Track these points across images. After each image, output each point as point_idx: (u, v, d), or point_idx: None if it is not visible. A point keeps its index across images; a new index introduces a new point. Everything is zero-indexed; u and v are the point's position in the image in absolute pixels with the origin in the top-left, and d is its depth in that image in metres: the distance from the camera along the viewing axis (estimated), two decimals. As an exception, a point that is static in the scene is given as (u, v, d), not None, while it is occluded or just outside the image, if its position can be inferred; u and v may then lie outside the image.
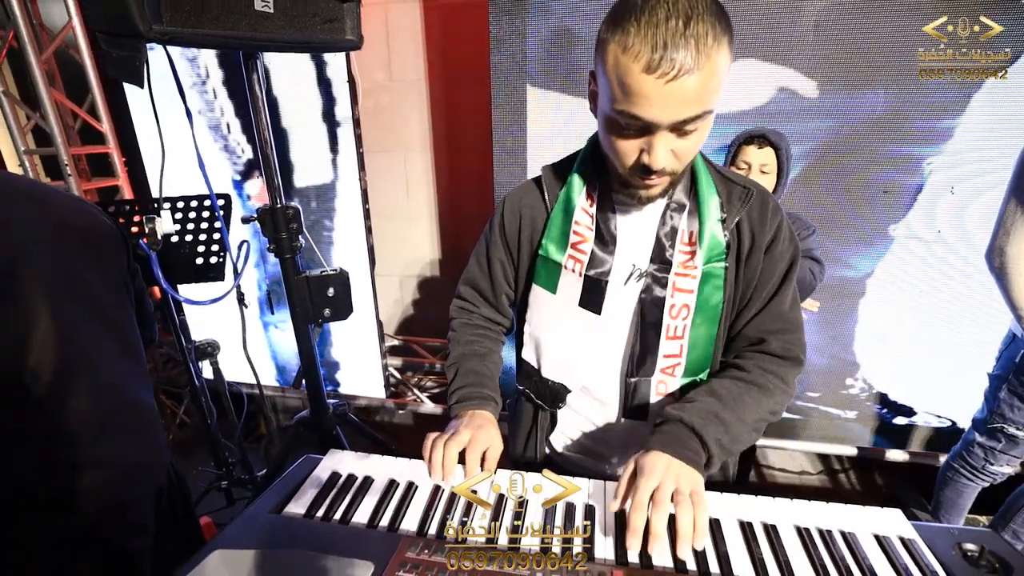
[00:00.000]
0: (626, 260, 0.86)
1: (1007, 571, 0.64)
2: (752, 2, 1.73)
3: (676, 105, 0.64)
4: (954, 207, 1.82)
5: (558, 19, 1.87)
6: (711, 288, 0.84)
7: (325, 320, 1.44)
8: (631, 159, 0.73)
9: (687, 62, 0.61)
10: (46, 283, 0.79)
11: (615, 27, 0.65)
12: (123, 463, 0.90)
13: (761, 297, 0.86)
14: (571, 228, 0.86)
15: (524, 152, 2.07)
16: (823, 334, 2.08)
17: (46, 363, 0.78)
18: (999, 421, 1.61)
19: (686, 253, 0.84)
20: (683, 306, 0.85)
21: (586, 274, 0.86)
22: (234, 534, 0.72)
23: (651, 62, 0.62)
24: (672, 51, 0.61)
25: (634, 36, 0.63)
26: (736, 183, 0.85)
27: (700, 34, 0.61)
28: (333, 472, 0.85)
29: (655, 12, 0.62)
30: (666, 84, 0.62)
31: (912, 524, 0.73)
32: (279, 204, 1.36)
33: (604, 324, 0.87)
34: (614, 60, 0.66)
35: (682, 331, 0.86)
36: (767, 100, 1.82)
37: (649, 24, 0.62)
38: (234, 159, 2.37)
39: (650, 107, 0.65)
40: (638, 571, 0.64)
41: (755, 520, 0.73)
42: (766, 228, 0.83)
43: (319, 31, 1.16)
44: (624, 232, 0.86)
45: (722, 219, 0.83)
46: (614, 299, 0.87)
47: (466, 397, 0.90)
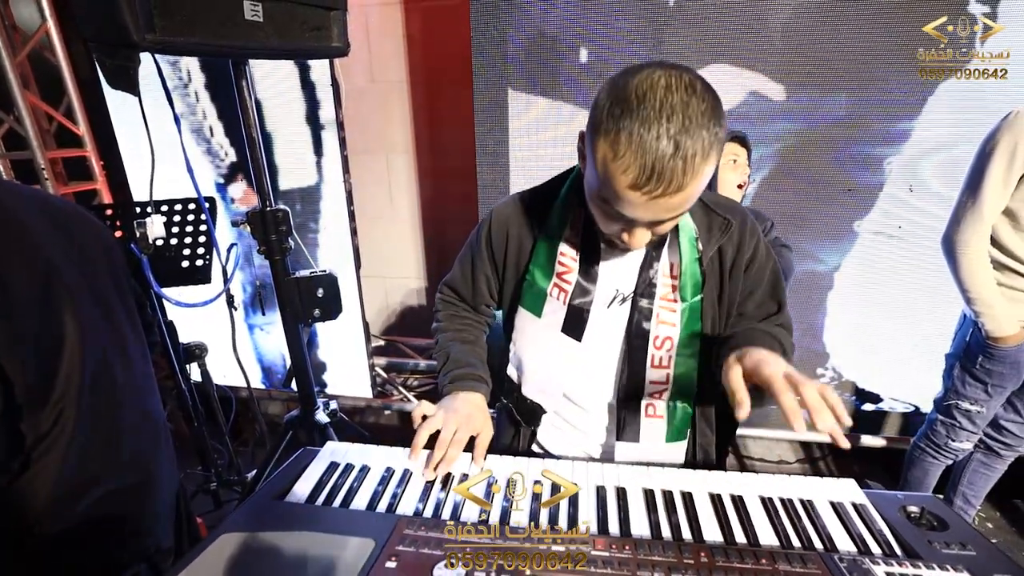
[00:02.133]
0: (609, 286, 0.91)
1: (944, 526, 0.72)
2: (723, 10, 1.81)
3: (658, 213, 0.68)
4: (913, 203, 1.93)
5: (537, 25, 1.93)
6: (693, 320, 0.90)
7: (315, 320, 1.48)
8: (612, 231, 0.76)
9: (672, 184, 0.63)
10: (71, 294, 0.81)
11: (611, 119, 0.64)
12: (146, 470, 0.93)
13: (755, 306, 0.93)
14: (556, 257, 0.90)
15: (506, 154, 2.12)
16: (794, 326, 2.17)
17: (75, 372, 0.80)
18: (954, 398, 1.72)
19: (668, 286, 0.89)
20: (666, 338, 0.89)
21: (570, 303, 0.90)
22: (239, 519, 0.76)
23: (637, 181, 0.63)
24: (659, 175, 0.62)
25: (624, 148, 0.63)
26: (718, 213, 0.89)
27: (689, 155, 0.62)
28: (331, 462, 0.90)
29: (649, 128, 0.61)
30: (650, 200, 0.65)
31: (864, 492, 0.80)
32: (269, 207, 1.39)
33: (585, 350, 0.92)
34: (603, 159, 0.66)
35: (667, 361, 0.91)
36: (738, 103, 1.90)
37: (641, 143, 0.62)
38: (217, 162, 2.38)
39: (633, 211, 0.68)
40: (618, 539, 0.70)
41: (724, 492, 0.80)
42: (744, 250, 0.89)
43: (307, 39, 1.20)
44: (608, 262, 0.90)
45: (698, 257, 0.88)
46: (596, 325, 0.91)
47: (458, 378, 0.95)
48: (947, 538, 0.70)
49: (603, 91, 0.69)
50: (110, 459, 0.88)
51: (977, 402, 1.68)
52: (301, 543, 0.71)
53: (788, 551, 0.68)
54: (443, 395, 0.96)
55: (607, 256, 0.90)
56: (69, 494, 0.81)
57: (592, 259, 0.89)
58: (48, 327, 0.78)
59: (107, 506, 0.87)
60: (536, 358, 0.98)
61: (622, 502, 0.78)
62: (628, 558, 0.66)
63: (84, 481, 0.83)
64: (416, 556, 0.66)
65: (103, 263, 0.93)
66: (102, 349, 0.86)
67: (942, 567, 0.64)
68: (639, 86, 0.64)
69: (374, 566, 0.65)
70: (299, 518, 0.76)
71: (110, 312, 0.92)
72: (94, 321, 0.86)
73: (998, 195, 1.50)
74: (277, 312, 2.47)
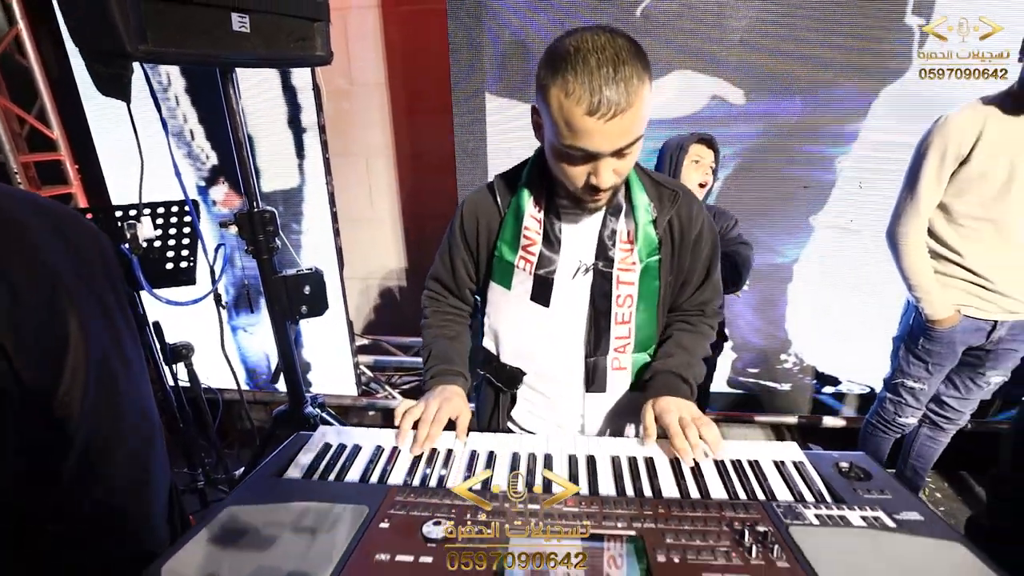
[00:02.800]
0: (572, 257, 1.00)
1: (868, 477, 0.83)
2: (686, 19, 1.93)
3: (615, 137, 0.78)
4: (862, 199, 2.08)
5: (512, 34, 2.02)
6: (649, 278, 1.01)
7: (303, 316, 1.53)
8: (580, 181, 0.86)
9: (621, 102, 0.74)
10: (71, 296, 0.84)
11: (554, 73, 0.77)
12: (144, 468, 0.96)
13: (696, 279, 1.06)
14: (521, 232, 1.00)
15: (484, 155, 2.21)
16: (759, 316, 2.31)
17: (80, 370, 0.83)
18: (900, 377, 1.87)
19: (625, 251, 0.99)
20: (627, 296, 1.01)
21: (535, 273, 1.00)
22: (241, 494, 0.83)
23: (591, 105, 0.74)
24: (607, 95, 0.74)
25: (573, 83, 0.75)
26: (665, 186, 1.01)
27: (627, 76, 0.74)
28: (325, 443, 0.97)
29: (587, 61, 0.74)
30: (606, 123, 0.76)
31: (804, 452, 0.91)
32: (256, 208, 1.45)
33: (553, 315, 1.02)
34: (558, 103, 0.77)
35: (628, 317, 1.02)
36: (702, 107, 2.02)
37: (584, 72, 0.74)
38: (198, 165, 2.41)
39: (593, 141, 0.78)
40: (587, 497, 0.79)
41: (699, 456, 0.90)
42: (693, 225, 1.01)
43: (292, 48, 1.27)
44: (569, 234, 1.00)
45: (653, 219, 0.99)
46: (563, 293, 1.01)
47: (438, 373, 1.04)
48: (869, 486, 0.81)
49: (542, 63, 0.82)
50: (111, 457, 0.91)
51: (920, 380, 1.83)
52: (301, 512, 0.78)
53: (734, 501, 0.78)
54: (425, 390, 1.05)
55: (567, 227, 1.00)
56: (73, 492, 0.85)
57: (553, 230, 0.99)
58: (53, 329, 0.82)
59: (108, 505, 0.90)
60: (511, 327, 1.07)
61: (591, 468, 0.87)
62: (595, 511, 0.74)
63: (86, 478, 0.87)
64: (406, 518, 0.74)
65: (99, 265, 0.97)
66: (102, 349, 0.90)
67: (862, 508, 0.75)
68: (571, 42, 0.78)
69: (369, 527, 0.72)
70: (297, 491, 0.83)
71: (108, 313, 0.96)
72: (95, 322, 0.90)
73: (933, 191, 1.65)
74: (261, 313, 2.52)
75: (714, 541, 0.68)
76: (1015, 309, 1.68)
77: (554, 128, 0.81)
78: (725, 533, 0.70)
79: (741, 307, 2.28)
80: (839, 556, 0.66)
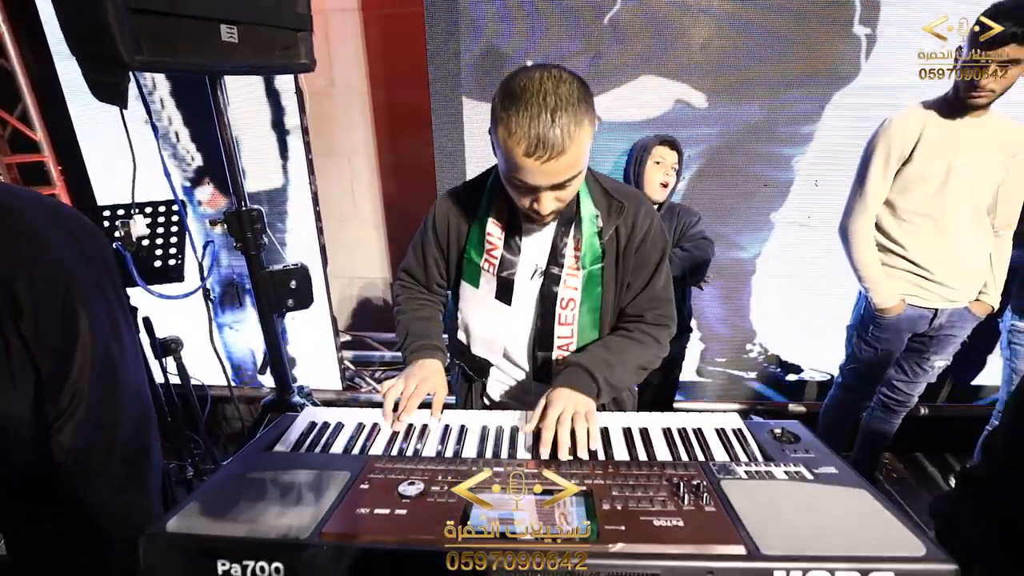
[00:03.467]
0: (530, 261, 1.10)
1: (797, 440, 0.94)
2: (651, 27, 2.04)
3: (551, 175, 0.88)
4: (818, 196, 2.21)
5: (488, 40, 2.11)
6: (592, 285, 1.10)
7: (289, 309, 1.61)
8: (525, 205, 0.96)
9: (556, 147, 0.83)
10: (82, 293, 0.91)
11: (503, 110, 0.85)
12: (144, 455, 1.03)
13: (639, 283, 1.12)
14: (485, 237, 1.10)
15: (463, 158, 2.30)
16: (725, 308, 2.43)
17: (87, 362, 0.90)
18: (853, 363, 2.00)
19: (573, 257, 1.08)
20: (570, 300, 1.10)
21: (498, 275, 1.10)
22: (235, 466, 0.91)
23: (529, 148, 0.83)
24: (543, 140, 0.82)
25: (515, 125, 0.83)
26: (615, 197, 1.08)
27: (565, 123, 0.83)
28: (310, 422, 1.05)
29: (530, 107, 0.82)
30: (542, 164, 0.85)
31: (744, 421, 1.02)
32: (244, 207, 1.52)
33: (515, 312, 1.12)
34: (503, 140, 0.86)
35: (572, 319, 1.11)
36: (667, 110, 2.14)
37: (526, 116, 0.82)
38: (183, 166, 2.46)
39: (532, 177, 0.88)
40: (544, 462, 0.88)
41: (633, 426, 1.00)
42: (637, 232, 1.08)
43: (278, 57, 1.35)
44: (527, 240, 1.10)
45: (598, 231, 1.07)
46: (521, 293, 1.11)
47: (417, 348, 1.13)
48: (797, 448, 0.92)
49: (497, 93, 0.90)
50: (112, 448, 0.97)
51: (870, 366, 1.97)
52: (290, 478, 0.86)
53: (676, 462, 0.88)
54: (405, 364, 1.14)
55: (527, 234, 1.09)
56: (75, 481, 0.90)
57: (514, 237, 1.08)
58: (67, 326, 0.88)
59: (105, 498, 0.95)
60: (479, 322, 1.17)
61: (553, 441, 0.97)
62: (552, 472, 0.84)
63: (88, 466, 0.92)
64: (385, 480, 0.83)
65: (100, 261, 1.04)
66: (105, 341, 0.97)
67: (787, 464, 0.85)
68: (519, 82, 0.85)
69: (351, 488, 0.81)
70: (287, 462, 0.91)
71: (109, 305, 1.03)
72: (100, 316, 0.97)
73: (879, 189, 1.78)
74: (247, 310, 2.58)
75: (654, 493, 0.78)
76: (953, 298, 1.82)
77: (501, 158, 0.91)
78: (664, 487, 0.80)
79: (709, 299, 2.40)
80: (759, 502, 0.76)
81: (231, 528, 0.72)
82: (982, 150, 1.69)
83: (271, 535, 0.70)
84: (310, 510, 0.75)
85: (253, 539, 0.69)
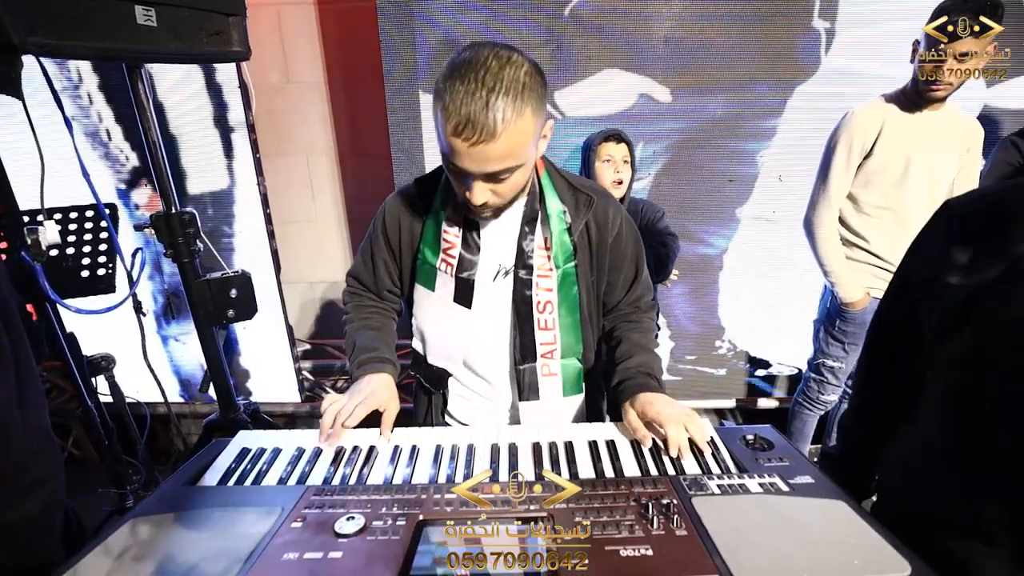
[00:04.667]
0: (492, 261, 1.01)
1: (770, 447, 0.89)
2: (612, 19, 1.99)
3: (481, 162, 0.79)
4: (783, 191, 2.20)
5: (444, 31, 2.02)
6: (568, 285, 1.03)
7: (230, 321, 1.48)
8: (460, 192, 0.88)
9: (485, 131, 0.75)
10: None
11: (443, 81, 0.77)
12: (48, 493, 0.90)
13: (623, 279, 1.08)
14: (441, 235, 1.00)
15: (421, 154, 2.20)
16: (694, 305, 2.41)
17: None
18: (821, 357, 2.00)
19: (542, 258, 1.01)
20: (547, 302, 1.02)
21: (457, 275, 1.00)
22: (150, 506, 0.79)
23: (457, 127, 0.76)
24: (472, 122, 0.74)
25: (448, 101, 0.75)
26: (581, 191, 1.02)
27: (499, 107, 0.74)
28: (243, 448, 0.94)
29: (467, 83, 0.74)
30: (470, 146, 0.77)
31: (715, 428, 0.96)
32: (174, 210, 1.39)
33: (477, 317, 1.03)
34: (437, 117, 0.79)
35: (552, 323, 1.03)
36: (631, 104, 2.09)
37: (458, 93, 0.74)
38: (117, 167, 2.28)
39: (461, 160, 0.80)
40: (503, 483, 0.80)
41: (600, 439, 0.93)
42: (609, 227, 1.03)
43: (206, 43, 1.22)
44: (488, 238, 1.01)
45: (567, 226, 1.00)
46: (484, 295, 1.02)
47: (365, 362, 1.03)
48: (770, 455, 0.86)
49: (444, 66, 0.82)
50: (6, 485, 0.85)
51: (838, 359, 1.96)
52: (210, 519, 0.76)
53: (645, 477, 0.81)
54: (352, 380, 1.03)
55: (484, 227, 1.01)
56: None
57: (472, 233, 1.00)
58: None
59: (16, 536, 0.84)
60: (435, 328, 1.07)
61: (513, 457, 0.89)
62: (509, 497, 0.76)
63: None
64: (321, 516, 0.73)
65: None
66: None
67: (761, 475, 0.80)
68: (466, 59, 0.78)
69: (280, 529, 0.71)
70: (210, 499, 0.80)
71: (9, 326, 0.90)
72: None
73: (842, 182, 1.77)
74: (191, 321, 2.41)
75: (620, 516, 0.71)
76: (914, 289, 1.82)
77: (438, 138, 0.82)
78: (632, 508, 0.73)
79: (677, 296, 2.36)
80: (733, 522, 0.70)
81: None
82: (939, 143, 1.70)
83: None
84: (226, 561, 0.65)
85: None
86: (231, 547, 0.68)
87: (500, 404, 1.12)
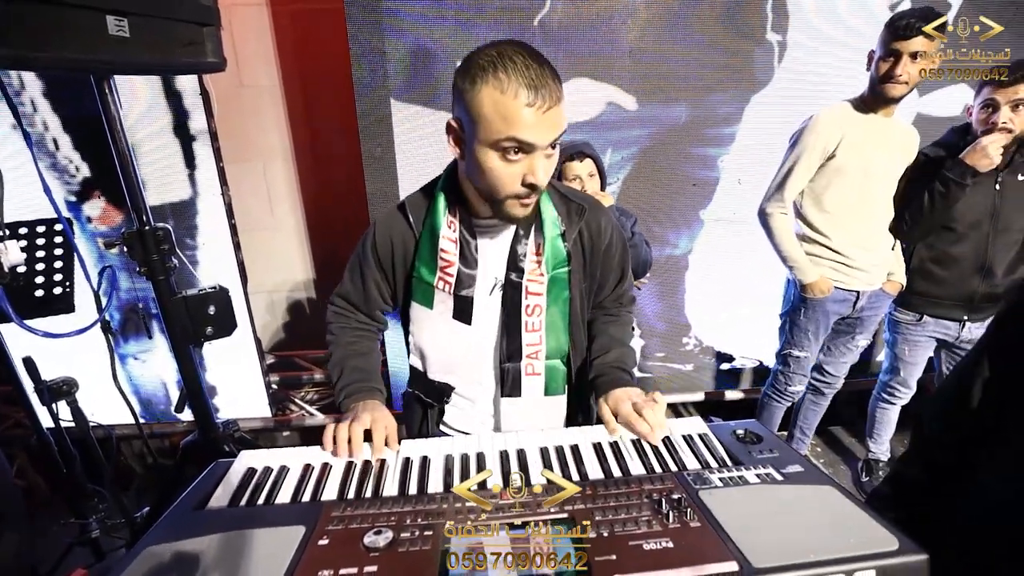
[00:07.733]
0: (488, 275, 1.04)
1: (760, 440, 0.96)
2: (579, 30, 2.05)
3: (551, 128, 0.84)
4: (742, 193, 2.34)
5: (414, 39, 2.02)
6: (558, 289, 1.06)
7: (208, 339, 1.43)
8: (517, 182, 0.87)
9: (553, 95, 0.82)
10: None
11: (482, 77, 0.81)
12: None
13: (611, 280, 1.15)
14: (438, 252, 1.01)
15: (393, 162, 2.18)
16: (661, 304, 2.51)
17: None
18: (787, 348, 2.13)
19: (534, 263, 1.04)
20: (536, 306, 1.05)
21: (455, 293, 1.02)
22: (160, 533, 0.77)
23: (530, 97, 0.80)
24: (543, 88, 0.80)
25: (507, 80, 0.80)
26: (573, 200, 1.07)
27: (552, 74, 0.83)
28: (249, 468, 0.93)
29: (515, 61, 0.80)
30: (544, 113, 0.81)
31: (708, 424, 1.02)
32: (148, 226, 1.33)
33: (475, 330, 1.05)
34: (492, 102, 0.81)
35: (539, 325, 1.07)
36: (598, 112, 2.16)
37: (515, 70, 0.80)
38: (66, 179, 2.14)
39: (532, 132, 0.82)
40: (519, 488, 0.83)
41: (603, 441, 0.97)
42: (602, 236, 1.08)
43: (179, 54, 1.18)
44: (484, 251, 1.03)
45: (561, 233, 1.04)
46: (481, 309, 1.05)
47: (354, 391, 1.03)
48: (761, 448, 0.93)
49: (459, 75, 0.85)
50: None
51: (803, 348, 2.10)
52: (230, 543, 0.75)
53: (651, 475, 0.86)
54: (341, 410, 1.03)
55: (483, 244, 1.03)
56: None
57: (469, 248, 1.01)
58: None
59: None
60: (435, 345, 1.09)
61: (522, 461, 0.92)
62: (529, 501, 0.79)
63: None
64: (346, 531, 0.74)
65: None
66: None
67: (756, 467, 0.86)
68: (491, 51, 0.83)
69: (308, 546, 0.71)
70: (224, 521, 0.79)
71: None
72: None
73: (800, 180, 1.90)
74: (154, 338, 2.30)
75: (636, 513, 0.75)
76: (872, 281, 2.00)
77: (487, 126, 0.83)
78: (646, 504, 0.77)
79: (646, 297, 2.46)
80: (739, 511, 0.76)
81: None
82: (892, 147, 1.86)
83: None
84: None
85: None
86: (262, 569, 0.68)
87: (483, 403, 1.14)
